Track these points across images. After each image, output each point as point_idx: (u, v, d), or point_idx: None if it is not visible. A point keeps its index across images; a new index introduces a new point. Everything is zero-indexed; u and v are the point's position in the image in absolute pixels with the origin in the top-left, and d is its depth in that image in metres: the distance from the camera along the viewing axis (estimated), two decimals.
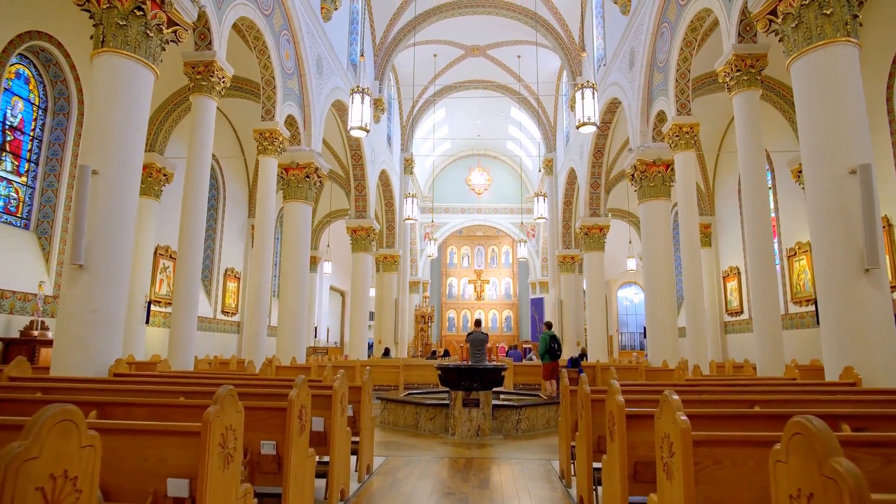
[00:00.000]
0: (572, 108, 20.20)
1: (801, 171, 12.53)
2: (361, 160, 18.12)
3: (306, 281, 12.04)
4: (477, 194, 33.09)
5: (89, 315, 5.77)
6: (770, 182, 14.98)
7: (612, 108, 15.86)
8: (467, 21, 20.72)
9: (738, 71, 8.04)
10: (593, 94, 9.07)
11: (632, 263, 22.50)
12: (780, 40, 6.55)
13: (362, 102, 9.30)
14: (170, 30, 6.99)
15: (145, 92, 6.62)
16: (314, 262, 24.97)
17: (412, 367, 12.47)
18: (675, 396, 2.69)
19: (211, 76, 8.42)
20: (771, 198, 15.10)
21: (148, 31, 6.53)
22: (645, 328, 26.04)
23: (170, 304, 14.15)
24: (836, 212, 5.73)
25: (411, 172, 25.57)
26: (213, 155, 16.67)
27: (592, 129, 9.23)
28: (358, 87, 9.28)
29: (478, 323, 11.14)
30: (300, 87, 12.21)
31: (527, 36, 20.74)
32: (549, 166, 24.23)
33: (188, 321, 7.84)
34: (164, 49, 6.91)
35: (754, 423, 3.16)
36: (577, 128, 9.18)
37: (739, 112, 8.11)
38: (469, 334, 10.81)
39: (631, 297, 32.89)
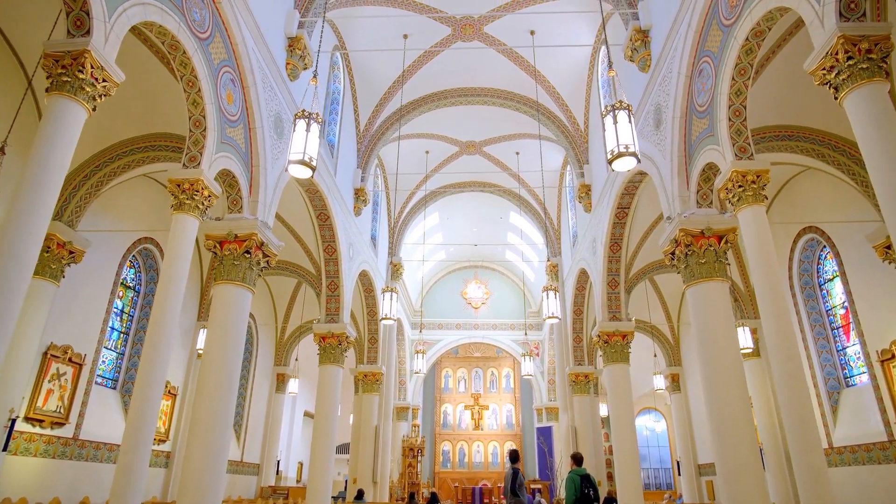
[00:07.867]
0: (580, 199, 17.93)
1: (888, 246, 9.77)
2: (335, 254, 15.32)
3: (233, 388, 8.64)
4: (474, 309, 30.04)
5: None
6: (836, 268, 12.06)
7: (629, 189, 13.40)
8: (460, 112, 19.04)
9: (849, 59, 5.46)
10: (629, 116, 6.45)
11: (659, 381, 18.88)
12: None
13: (307, 130, 6.62)
14: None
15: None
16: (282, 380, 21.35)
17: None
18: None
19: (80, 72, 5.82)
20: (840, 287, 12.13)
21: None
22: (679, 463, 21.73)
23: (57, 423, 10.56)
24: None
25: (399, 279, 22.75)
26: (152, 238, 13.92)
27: (631, 163, 6.43)
28: (303, 111, 6.67)
29: (513, 456, 8.12)
30: (247, 140, 9.73)
31: (526, 128, 18.99)
32: (554, 272, 21.43)
33: None
34: None
35: None
36: (610, 163, 6.42)
37: (859, 116, 5.40)
38: None
39: (651, 426, 28.52)
